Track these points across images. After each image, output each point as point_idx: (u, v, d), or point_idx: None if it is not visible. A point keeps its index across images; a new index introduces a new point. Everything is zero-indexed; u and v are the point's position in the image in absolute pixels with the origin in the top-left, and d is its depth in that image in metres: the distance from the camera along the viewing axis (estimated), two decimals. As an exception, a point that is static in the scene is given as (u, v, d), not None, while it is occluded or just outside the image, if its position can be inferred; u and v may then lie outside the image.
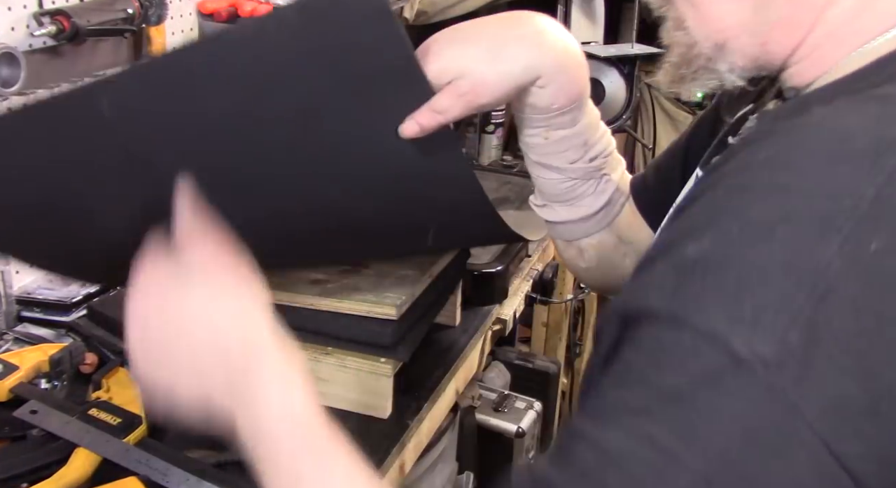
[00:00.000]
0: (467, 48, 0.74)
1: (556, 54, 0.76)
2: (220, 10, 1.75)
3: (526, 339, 2.35)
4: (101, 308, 1.35)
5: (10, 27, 1.34)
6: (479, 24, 0.77)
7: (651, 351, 0.49)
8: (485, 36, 0.75)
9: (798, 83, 0.64)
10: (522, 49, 0.75)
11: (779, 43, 0.63)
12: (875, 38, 0.59)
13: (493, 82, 0.74)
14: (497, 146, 2.39)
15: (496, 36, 0.75)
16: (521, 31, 0.76)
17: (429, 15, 2.56)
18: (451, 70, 0.73)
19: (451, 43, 0.74)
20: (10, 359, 1.15)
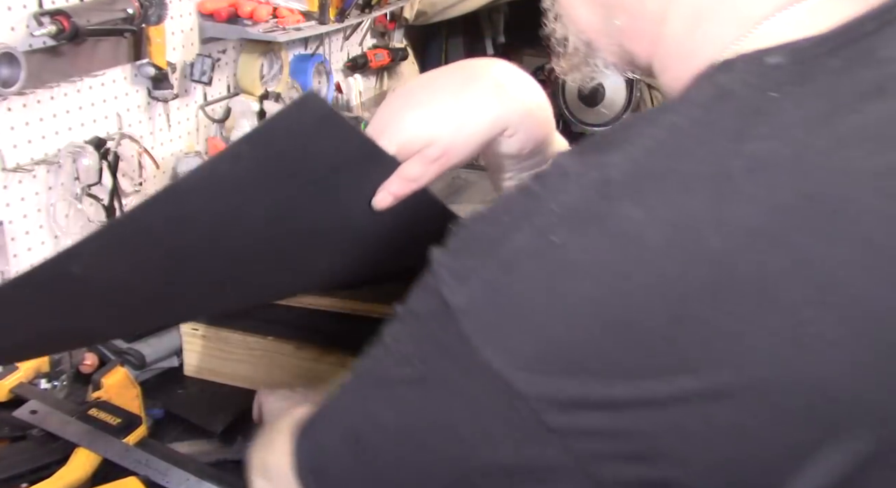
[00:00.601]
0: (430, 114, 0.73)
1: (518, 103, 0.76)
2: (220, 10, 1.76)
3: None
4: (100, 308, 1.35)
5: (10, 27, 1.34)
6: (435, 84, 0.76)
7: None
8: (445, 97, 0.74)
9: None
10: (486, 106, 0.74)
11: (633, 49, 0.63)
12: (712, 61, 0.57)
13: (462, 144, 0.74)
14: (497, 146, 2.39)
15: (456, 96, 0.74)
16: (480, 86, 0.75)
17: (429, 15, 2.56)
18: (418, 139, 0.73)
19: (411, 110, 0.74)
20: (10, 359, 1.15)
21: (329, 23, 1.93)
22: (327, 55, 2.24)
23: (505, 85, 0.75)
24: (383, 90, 2.56)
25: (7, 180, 1.38)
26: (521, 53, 2.85)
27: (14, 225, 1.40)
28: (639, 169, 0.50)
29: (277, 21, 1.80)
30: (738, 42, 0.56)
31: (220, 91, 1.88)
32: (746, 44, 0.55)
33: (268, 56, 1.97)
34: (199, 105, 1.82)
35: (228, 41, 1.87)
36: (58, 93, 1.45)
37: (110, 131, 1.57)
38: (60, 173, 1.46)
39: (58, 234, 1.49)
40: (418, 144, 0.73)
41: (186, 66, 1.73)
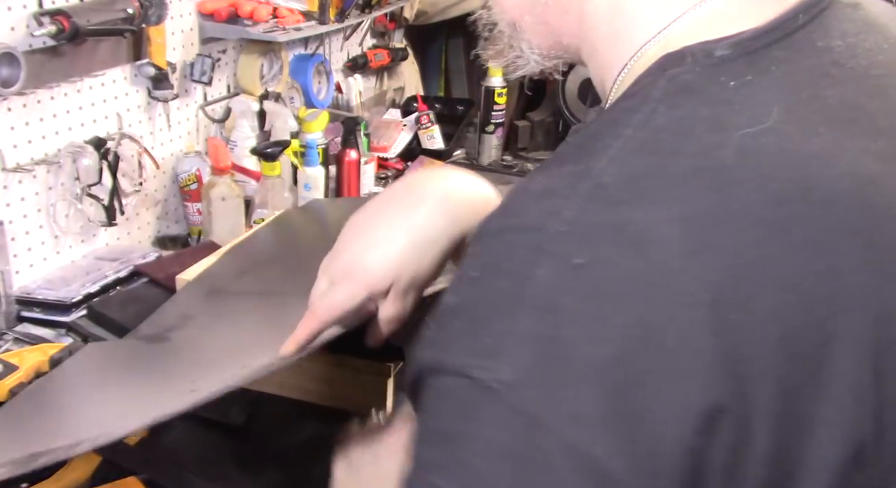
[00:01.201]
0: (390, 252, 0.73)
1: (467, 208, 0.74)
2: (220, 10, 1.76)
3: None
4: (100, 308, 1.35)
5: (10, 27, 1.34)
6: (386, 216, 0.75)
7: (425, 400, 0.51)
8: (399, 231, 0.74)
9: (603, 93, 0.64)
10: (439, 227, 0.73)
11: (558, 26, 0.63)
12: (640, 48, 0.57)
13: (427, 270, 0.74)
14: (497, 146, 2.39)
15: (409, 226, 0.74)
16: (429, 207, 0.74)
17: (429, 15, 2.56)
18: (385, 280, 0.74)
19: (370, 251, 0.74)
20: (10, 359, 1.14)
21: (329, 23, 1.93)
22: (327, 55, 2.24)
23: (450, 195, 0.75)
24: (383, 90, 2.56)
25: (7, 180, 1.38)
26: (521, 53, 2.85)
27: (14, 225, 1.40)
28: (629, 170, 0.49)
29: (277, 21, 1.80)
30: (667, 29, 0.56)
31: (220, 91, 1.88)
32: (676, 30, 0.56)
33: (268, 56, 1.97)
34: (199, 105, 1.82)
35: (228, 41, 1.87)
36: (58, 93, 1.45)
37: (110, 131, 1.57)
38: (60, 173, 1.46)
39: (58, 234, 1.49)
40: (386, 284, 0.74)
41: (186, 66, 1.73)
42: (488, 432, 0.46)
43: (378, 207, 0.77)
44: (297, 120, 1.90)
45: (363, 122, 2.10)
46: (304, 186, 1.81)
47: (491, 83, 2.33)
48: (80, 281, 1.44)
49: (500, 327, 0.47)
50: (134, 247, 1.63)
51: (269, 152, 1.68)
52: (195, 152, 1.76)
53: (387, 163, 2.23)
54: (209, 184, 1.66)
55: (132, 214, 1.64)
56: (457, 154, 2.37)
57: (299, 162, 1.82)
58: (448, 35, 2.87)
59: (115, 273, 1.47)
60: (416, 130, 2.30)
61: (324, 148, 1.88)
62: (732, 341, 0.45)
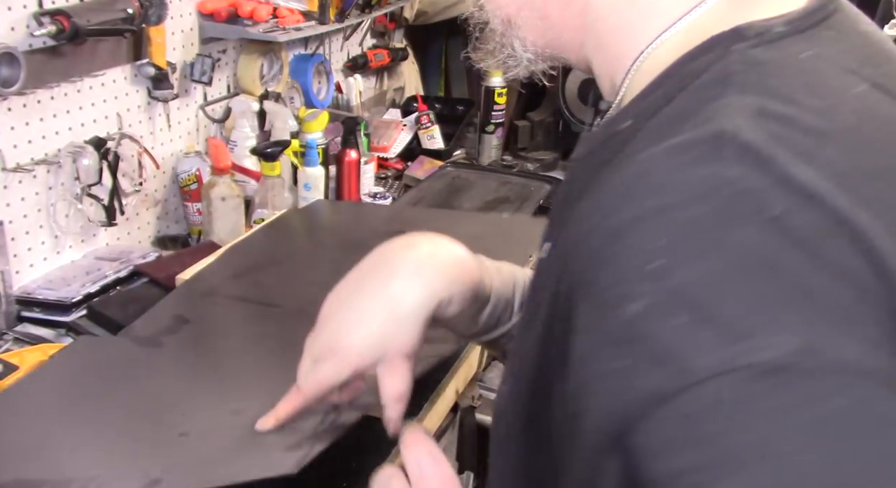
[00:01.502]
0: (370, 330, 0.73)
1: (440, 272, 0.74)
2: (220, 10, 1.76)
3: (526, 339, 2.35)
4: (100, 308, 1.35)
5: (10, 27, 1.34)
6: (362, 293, 0.75)
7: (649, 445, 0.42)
8: (376, 307, 0.73)
9: (608, 94, 0.63)
10: (415, 297, 0.73)
11: (559, 20, 0.62)
12: (657, 37, 0.56)
13: (410, 340, 0.73)
14: (497, 146, 2.39)
15: (386, 300, 0.73)
16: (403, 278, 0.74)
17: (429, 15, 2.56)
18: (370, 357, 0.73)
19: (351, 332, 0.74)
20: (11, 359, 1.14)
21: (329, 23, 1.93)
22: (327, 55, 2.24)
23: (423, 263, 0.74)
24: (383, 90, 2.56)
25: (7, 180, 1.38)
26: (521, 53, 2.85)
27: (14, 225, 1.40)
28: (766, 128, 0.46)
29: (277, 21, 1.80)
30: (687, 16, 0.56)
31: (220, 91, 1.88)
32: (698, 17, 0.55)
33: (268, 56, 1.97)
34: (199, 105, 1.82)
35: (228, 41, 1.87)
36: (58, 93, 1.45)
37: (110, 131, 1.57)
38: (60, 173, 1.46)
39: (58, 234, 1.49)
40: (371, 359, 0.74)
41: (186, 66, 1.73)
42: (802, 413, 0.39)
43: (354, 283, 0.77)
44: (297, 120, 1.91)
45: (363, 121, 2.10)
46: (304, 186, 1.81)
47: (491, 83, 2.33)
48: (80, 281, 1.44)
49: (736, 301, 0.41)
50: (134, 247, 1.63)
51: (269, 152, 1.68)
52: (195, 152, 1.76)
53: (387, 163, 2.23)
54: (209, 184, 1.66)
55: (132, 214, 1.64)
56: (457, 154, 2.37)
57: (299, 162, 1.82)
58: (448, 35, 2.87)
59: (115, 273, 1.47)
60: (416, 130, 2.30)
61: (324, 148, 1.88)
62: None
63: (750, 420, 0.39)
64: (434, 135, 2.29)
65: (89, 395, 1.01)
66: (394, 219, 1.66)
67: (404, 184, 2.14)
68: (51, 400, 1.01)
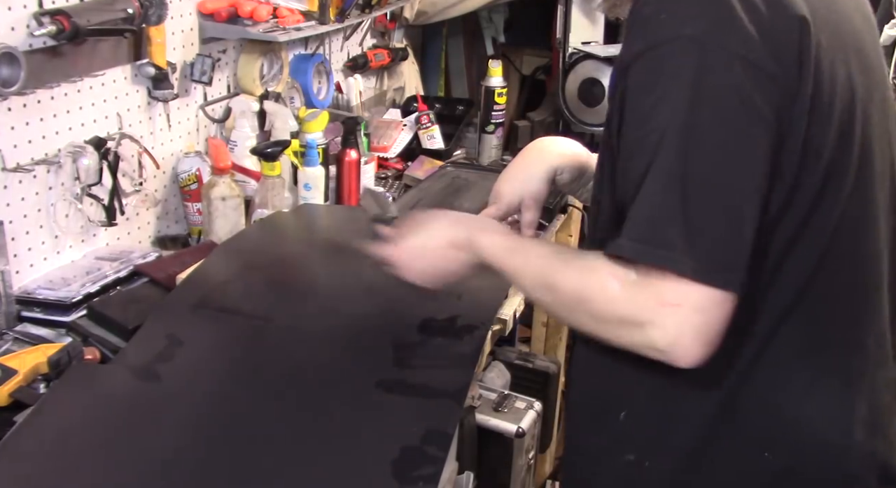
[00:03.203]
0: (514, 182, 1.27)
1: (556, 154, 1.27)
2: (220, 10, 1.76)
3: (526, 339, 2.35)
4: (100, 308, 1.35)
5: (10, 27, 1.34)
6: (514, 166, 1.29)
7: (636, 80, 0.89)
8: (518, 170, 1.28)
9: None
10: (538, 164, 1.26)
11: None
12: None
13: (535, 190, 1.25)
14: (497, 146, 2.39)
15: (524, 166, 1.27)
16: (533, 155, 1.28)
17: (429, 15, 2.56)
18: (512, 199, 1.26)
19: (505, 183, 1.28)
20: (9, 362, 1.14)
21: (329, 23, 1.93)
22: (327, 55, 2.24)
23: (546, 149, 1.29)
24: (383, 90, 2.56)
25: (7, 180, 1.38)
26: (521, 53, 2.84)
27: (14, 225, 1.40)
28: None
29: (277, 21, 1.80)
30: None
31: (220, 91, 1.88)
32: None
33: (268, 56, 1.97)
34: (199, 105, 1.82)
35: (228, 41, 1.87)
36: (58, 93, 1.45)
37: (110, 131, 1.57)
38: (60, 173, 1.46)
39: (58, 234, 1.49)
40: (516, 201, 1.26)
41: (186, 66, 1.73)
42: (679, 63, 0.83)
43: (512, 163, 1.30)
44: (297, 120, 1.91)
45: (363, 121, 2.10)
46: (304, 186, 1.81)
47: (491, 83, 2.33)
48: (80, 281, 1.44)
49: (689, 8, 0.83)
50: (134, 247, 1.63)
51: (269, 152, 1.68)
52: (195, 152, 1.76)
53: (387, 163, 2.23)
54: (209, 184, 1.66)
55: (132, 214, 1.65)
56: (457, 154, 2.37)
57: (299, 162, 1.82)
58: (448, 35, 2.87)
59: (115, 273, 1.47)
60: (416, 130, 2.30)
61: (324, 148, 1.88)
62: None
63: (674, 65, 0.84)
64: (434, 135, 2.29)
65: (91, 455, 0.99)
66: (356, 221, 1.67)
67: (404, 184, 2.14)
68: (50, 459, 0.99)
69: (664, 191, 0.83)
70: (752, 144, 0.83)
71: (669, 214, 0.83)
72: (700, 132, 0.83)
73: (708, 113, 0.82)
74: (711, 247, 0.82)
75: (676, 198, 0.82)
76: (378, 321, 1.24)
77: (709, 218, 0.82)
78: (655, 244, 0.83)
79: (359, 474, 0.96)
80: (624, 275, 0.86)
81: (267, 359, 1.16)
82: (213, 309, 1.26)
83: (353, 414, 1.05)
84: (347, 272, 1.41)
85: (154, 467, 0.96)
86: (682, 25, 0.83)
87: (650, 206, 0.84)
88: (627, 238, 0.85)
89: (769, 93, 0.83)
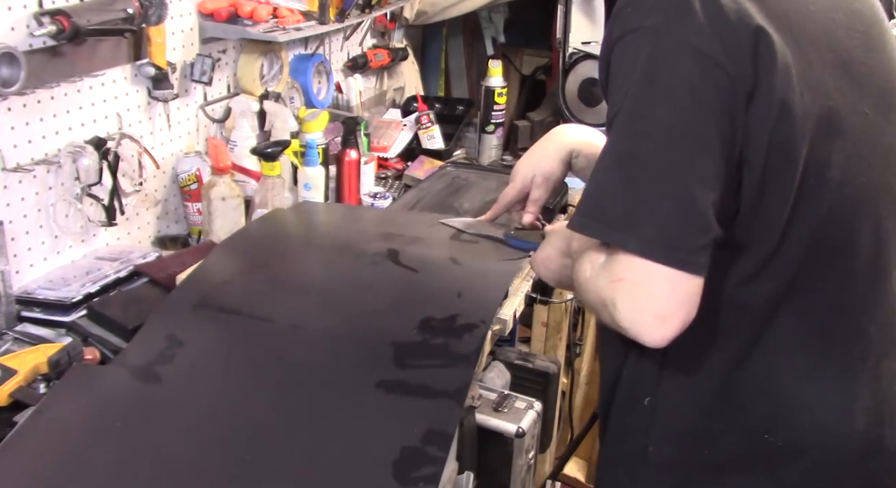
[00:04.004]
0: (530, 161, 1.36)
1: (572, 139, 1.34)
2: (220, 10, 1.76)
3: (526, 339, 2.35)
4: (100, 308, 1.35)
5: (10, 27, 1.34)
6: (534, 147, 1.37)
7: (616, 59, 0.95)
8: (536, 152, 1.36)
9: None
10: (554, 145, 1.34)
11: None
12: None
13: (549, 168, 1.34)
14: (497, 146, 2.39)
15: (541, 146, 1.36)
16: (551, 138, 1.36)
17: (429, 15, 2.56)
18: (527, 174, 1.35)
19: (522, 162, 1.37)
20: (9, 363, 1.14)
21: (329, 23, 1.93)
22: (327, 55, 2.24)
23: (564, 131, 1.36)
24: (383, 90, 2.56)
25: (7, 180, 1.38)
26: (521, 53, 2.84)
27: (14, 225, 1.40)
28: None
29: (277, 21, 1.80)
30: None
31: (220, 91, 1.88)
32: None
33: (268, 56, 1.97)
34: (199, 105, 1.82)
35: (228, 41, 1.87)
36: (58, 93, 1.45)
37: (110, 131, 1.57)
38: (60, 173, 1.46)
39: (58, 234, 1.49)
40: (529, 178, 1.36)
41: (186, 66, 1.73)
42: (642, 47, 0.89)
43: (531, 148, 1.38)
44: (297, 120, 1.91)
45: (363, 121, 2.10)
46: (304, 186, 1.81)
47: (491, 83, 2.33)
48: (80, 281, 1.44)
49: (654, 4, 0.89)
50: (134, 247, 1.64)
51: (269, 152, 1.68)
52: (195, 152, 1.76)
53: (387, 163, 2.23)
54: (209, 184, 1.66)
55: (132, 214, 1.65)
56: (457, 154, 2.37)
57: (299, 162, 1.82)
58: (448, 35, 2.87)
59: (115, 273, 1.47)
60: (416, 130, 2.30)
61: (324, 148, 1.88)
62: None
63: (633, 54, 0.90)
64: (434, 135, 2.29)
65: (91, 456, 0.99)
66: (356, 220, 1.67)
67: (404, 184, 2.14)
68: (50, 461, 0.98)
69: (608, 169, 0.90)
70: (700, 129, 0.86)
71: (611, 192, 0.88)
72: (647, 115, 0.88)
73: (656, 97, 0.87)
74: (655, 225, 0.85)
75: (620, 176, 0.88)
76: (378, 321, 1.23)
77: (651, 196, 0.86)
78: (596, 219, 0.89)
79: (359, 474, 0.96)
80: (597, 258, 0.93)
81: (267, 359, 1.16)
82: (213, 309, 1.26)
83: (354, 414, 1.05)
84: (348, 270, 1.41)
85: (154, 468, 0.96)
86: (643, 17, 0.89)
87: (596, 183, 0.91)
88: (577, 213, 0.91)
89: (718, 82, 0.86)
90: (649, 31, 0.88)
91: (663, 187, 0.86)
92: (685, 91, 0.86)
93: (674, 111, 0.86)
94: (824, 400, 0.97)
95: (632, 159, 0.88)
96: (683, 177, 0.86)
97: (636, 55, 0.89)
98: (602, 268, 0.91)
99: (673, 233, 0.85)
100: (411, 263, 1.39)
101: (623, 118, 0.89)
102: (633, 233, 0.85)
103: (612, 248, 0.89)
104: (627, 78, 0.89)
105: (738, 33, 0.87)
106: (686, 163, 0.86)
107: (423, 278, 1.36)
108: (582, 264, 0.96)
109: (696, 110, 0.86)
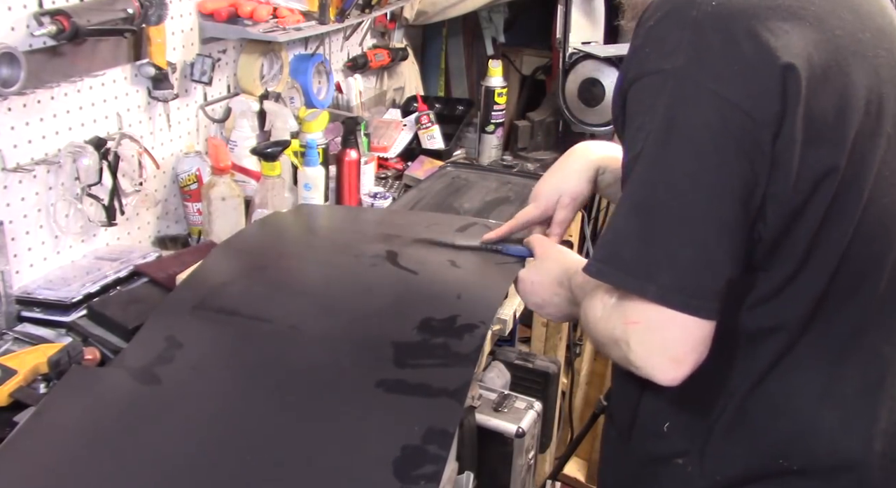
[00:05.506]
0: (554, 180, 1.32)
1: (598, 155, 1.30)
2: (220, 10, 1.76)
3: (526, 339, 2.35)
4: (100, 308, 1.35)
5: (10, 27, 1.34)
6: (555, 165, 1.33)
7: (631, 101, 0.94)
8: (560, 170, 1.32)
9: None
10: (579, 163, 1.31)
11: None
12: None
13: (575, 188, 1.30)
14: (497, 146, 2.39)
15: (564, 165, 1.32)
16: (575, 156, 1.32)
17: (429, 15, 2.56)
18: (552, 196, 1.32)
19: (544, 181, 1.34)
20: (9, 363, 1.14)
21: (329, 23, 1.94)
22: (327, 55, 2.24)
23: (588, 148, 1.32)
24: (383, 90, 2.56)
25: (7, 180, 1.38)
26: (521, 53, 2.84)
27: (14, 225, 1.40)
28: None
29: (277, 21, 1.80)
30: None
31: (220, 91, 1.88)
32: None
33: (268, 56, 1.97)
34: (199, 105, 1.82)
35: (228, 41, 1.87)
36: (58, 93, 1.45)
37: (110, 131, 1.57)
38: (60, 173, 1.46)
39: (58, 234, 1.49)
40: (554, 199, 1.32)
41: (186, 66, 1.73)
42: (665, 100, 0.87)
43: (553, 165, 1.34)
44: (297, 120, 1.91)
45: (363, 121, 2.10)
46: (304, 186, 1.81)
47: (491, 83, 2.33)
48: (80, 281, 1.44)
49: (669, 40, 0.88)
50: (134, 247, 1.64)
51: (269, 152, 1.68)
52: (195, 152, 1.76)
53: (387, 163, 2.23)
54: (209, 184, 1.66)
55: (132, 214, 1.65)
56: (457, 154, 2.37)
57: (299, 162, 1.82)
58: (448, 35, 2.87)
59: (115, 273, 1.47)
60: (416, 130, 2.30)
61: (324, 148, 1.88)
62: None
63: (652, 97, 0.89)
64: (434, 135, 2.29)
65: (91, 457, 0.99)
66: (355, 221, 1.67)
67: (404, 184, 2.14)
68: (50, 462, 0.98)
69: (627, 216, 0.89)
70: (720, 176, 0.86)
71: (630, 239, 0.88)
72: (667, 163, 0.87)
73: (677, 144, 0.86)
74: (673, 273, 0.85)
75: (639, 223, 0.88)
76: (378, 321, 1.23)
77: (670, 244, 0.86)
78: (614, 265, 0.89)
79: (360, 474, 0.96)
80: (608, 299, 0.93)
81: (267, 359, 1.16)
82: (213, 310, 1.25)
83: (354, 413, 1.05)
84: (347, 272, 1.41)
85: (154, 469, 0.96)
86: (663, 60, 0.88)
87: (614, 230, 0.91)
88: (593, 258, 0.92)
89: (740, 127, 0.85)
90: (669, 75, 0.87)
91: (682, 235, 0.86)
92: (705, 138, 0.85)
93: (693, 158, 0.86)
94: (841, 422, 0.96)
95: (650, 207, 0.87)
96: (702, 224, 0.86)
97: (656, 98, 0.88)
98: (614, 309, 0.91)
99: (690, 280, 0.85)
100: (410, 265, 1.39)
101: (643, 164, 0.88)
102: (652, 281, 0.86)
103: (628, 292, 0.89)
104: (647, 121, 0.88)
105: (763, 73, 0.86)
106: (705, 210, 0.86)
107: (423, 280, 1.36)
108: (592, 302, 0.96)
109: (715, 157, 0.85)
